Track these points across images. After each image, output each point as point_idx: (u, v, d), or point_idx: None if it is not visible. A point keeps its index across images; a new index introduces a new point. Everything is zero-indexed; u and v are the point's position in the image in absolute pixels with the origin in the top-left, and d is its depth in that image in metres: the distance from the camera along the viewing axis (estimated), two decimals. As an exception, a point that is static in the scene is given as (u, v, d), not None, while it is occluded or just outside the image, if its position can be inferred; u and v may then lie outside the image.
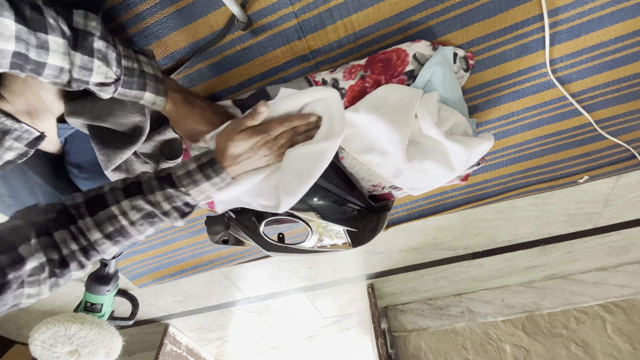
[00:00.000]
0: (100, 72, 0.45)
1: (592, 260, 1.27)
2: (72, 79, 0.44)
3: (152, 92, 0.52)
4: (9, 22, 0.36)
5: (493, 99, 0.73)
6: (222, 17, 0.60)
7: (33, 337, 0.93)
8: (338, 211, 0.68)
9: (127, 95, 0.50)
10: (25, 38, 0.38)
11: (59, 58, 0.41)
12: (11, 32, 0.36)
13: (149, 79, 0.50)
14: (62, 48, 0.41)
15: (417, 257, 1.21)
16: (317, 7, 0.60)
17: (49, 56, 0.40)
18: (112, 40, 0.46)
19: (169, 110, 0.56)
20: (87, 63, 0.44)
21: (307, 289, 1.38)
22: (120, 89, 0.48)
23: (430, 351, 1.34)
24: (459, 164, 0.62)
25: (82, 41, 0.42)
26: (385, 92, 0.61)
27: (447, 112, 0.61)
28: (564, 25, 0.63)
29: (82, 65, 0.43)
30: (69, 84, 0.44)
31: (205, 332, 1.63)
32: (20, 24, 0.37)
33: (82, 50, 0.43)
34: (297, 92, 0.54)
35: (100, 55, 0.44)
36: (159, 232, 1.03)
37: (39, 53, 0.39)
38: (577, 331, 1.25)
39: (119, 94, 0.49)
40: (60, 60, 0.41)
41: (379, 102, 0.60)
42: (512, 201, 0.98)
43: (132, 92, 0.50)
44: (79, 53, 0.42)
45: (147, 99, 0.52)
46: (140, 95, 0.51)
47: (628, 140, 0.81)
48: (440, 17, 0.61)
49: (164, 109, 0.56)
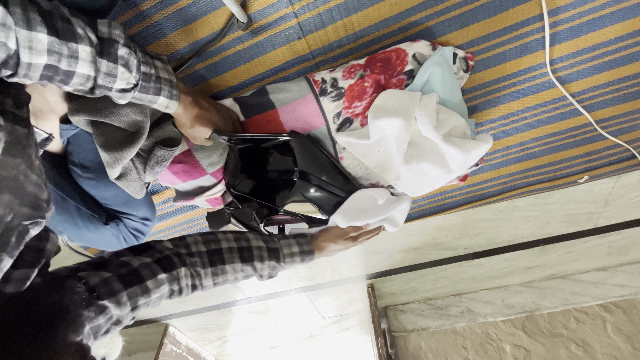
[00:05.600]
0: (123, 78, 0.46)
1: (592, 260, 1.27)
2: (97, 86, 0.45)
3: (166, 97, 0.53)
4: (42, 36, 0.37)
5: (493, 99, 0.73)
6: (222, 17, 0.60)
7: (33, 336, 0.93)
8: (333, 202, 0.70)
9: (143, 99, 0.51)
10: (57, 49, 0.39)
11: (87, 66, 0.42)
12: (44, 46, 0.38)
13: (164, 84, 0.52)
14: (90, 56, 0.42)
15: (417, 257, 1.21)
16: (317, 7, 0.60)
17: (78, 64, 0.41)
18: (133, 47, 0.47)
19: (179, 113, 0.57)
20: (112, 70, 0.45)
21: (307, 289, 1.38)
22: (137, 93, 0.50)
23: (430, 351, 1.34)
24: (457, 166, 0.62)
25: (109, 48, 0.44)
26: (382, 102, 0.62)
27: (445, 114, 0.61)
28: (564, 25, 0.63)
29: (107, 71, 0.44)
30: (92, 90, 0.46)
31: (205, 332, 1.63)
32: (52, 36, 0.38)
33: (108, 57, 0.44)
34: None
35: (123, 61, 0.45)
36: (160, 231, 1.03)
37: (70, 62, 0.41)
38: (577, 331, 1.25)
39: (135, 98, 0.50)
40: (88, 69, 0.42)
41: (379, 112, 0.61)
42: (512, 201, 0.98)
43: (148, 97, 0.51)
44: (105, 60, 0.44)
45: (161, 103, 0.53)
46: (155, 100, 0.52)
47: (628, 140, 0.81)
48: (440, 17, 0.61)
49: (174, 112, 0.57)
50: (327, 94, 0.63)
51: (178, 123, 0.60)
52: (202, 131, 0.61)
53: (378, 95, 0.63)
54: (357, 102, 0.63)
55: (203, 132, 0.62)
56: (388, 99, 0.61)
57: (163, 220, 0.99)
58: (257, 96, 0.66)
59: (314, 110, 0.65)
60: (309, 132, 0.67)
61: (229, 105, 0.68)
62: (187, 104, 0.57)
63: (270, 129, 0.67)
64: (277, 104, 0.65)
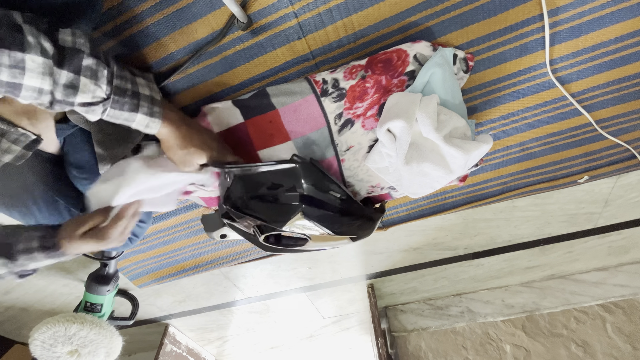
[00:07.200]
0: (86, 90, 0.42)
1: (592, 260, 1.27)
2: (55, 100, 0.41)
3: (146, 115, 0.49)
4: None
5: (493, 99, 0.73)
6: (222, 17, 0.60)
7: (33, 337, 0.93)
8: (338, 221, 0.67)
9: (118, 117, 0.47)
10: None
11: (37, 78, 0.38)
12: None
13: (143, 100, 0.48)
14: (42, 67, 0.38)
15: (417, 257, 1.21)
16: (317, 7, 0.60)
17: (24, 76, 0.37)
18: (104, 58, 0.44)
19: (164, 134, 0.53)
20: (73, 81, 0.41)
21: (307, 289, 1.38)
22: (109, 109, 0.46)
23: (430, 351, 1.34)
24: (457, 167, 0.62)
25: (71, 58, 0.40)
26: (386, 110, 0.62)
27: (446, 115, 0.61)
28: (564, 25, 0.63)
29: (66, 83, 0.40)
30: (51, 105, 0.42)
31: (205, 332, 1.63)
32: None
33: (69, 67, 0.40)
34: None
35: (88, 72, 0.42)
36: (159, 231, 1.03)
37: (13, 74, 0.36)
38: (577, 331, 1.25)
39: (109, 115, 0.47)
40: (39, 81, 0.38)
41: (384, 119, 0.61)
42: (512, 201, 0.98)
43: (124, 114, 0.47)
44: (65, 70, 0.40)
45: (140, 121, 0.49)
46: (132, 118, 0.48)
47: (628, 140, 0.81)
48: (440, 17, 0.61)
49: (158, 133, 0.52)
50: (329, 94, 0.63)
51: (165, 146, 0.55)
52: (195, 155, 0.55)
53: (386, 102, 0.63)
54: (358, 102, 0.63)
55: (196, 156, 0.55)
56: (391, 106, 0.62)
57: (163, 220, 0.99)
58: (257, 97, 0.66)
59: (315, 111, 0.65)
60: (309, 133, 0.67)
61: (228, 108, 0.68)
62: (174, 122, 0.52)
63: (271, 130, 0.67)
64: (277, 105, 0.65)
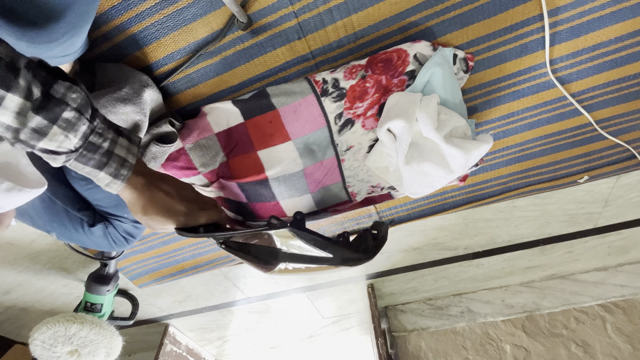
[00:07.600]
0: (55, 139, 0.41)
1: (592, 260, 1.27)
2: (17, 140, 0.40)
3: (109, 175, 0.46)
4: None
5: (493, 99, 0.73)
6: (222, 17, 0.60)
7: (33, 337, 0.93)
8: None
9: (80, 170, 0.46)
10: None
11: (9, 116, 0.37)
12: None
13: (112, 160, 0.46)
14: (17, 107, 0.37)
15: (417, 257, 1.21)
16: (317, 7, 0.60)
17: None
18: (89, 116, 0.42)
19: (125, 197, 0.51)
20: (43, 128, 0.39)
21: (307, 289, 1.38)
22: (72, 161, 0.44)
23: (430, 351, 1.34)
24: (458, 167, 0.62)
25: (52, 108, 0.39)
26: (386, 110, 0.62)
27: (446, 115, 0.62)
28: (564, 25, 0.63)
29: (36, 127, 0.39)
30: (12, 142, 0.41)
31: (205, 332, 1.63)
32: None
33: (46, 114, 0.39)
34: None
35: (64, 124, 0.40)
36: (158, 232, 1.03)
37: None
38: (577, 331, 1.25)
39: (71, 165, 0.45)
40: (10, 119, 0.37)
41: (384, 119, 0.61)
42: (512, 201, 0.98)
43: (86, 168, 0.45)
44: (40, 117, 0.39)
45: (101, 178, 0.47)
46: (95, 174, 0.46)
47: (628, 140, 0.81)
48: (440, 17, 0.61)
49: (120, 194, 0.50)
50: (329, 94, 0.63)
51: (128, 207, 0.52)
52: (156, 222, 0.52)
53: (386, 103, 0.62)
54: (358, 102, 0.64)
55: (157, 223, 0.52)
56: (391, 106, 0.62)
57: (163, 220, 0.98)
58: (257, 97, 0.66)
59: (315, 111, 0.65)
60: (310, 133, 0.67)
61: (228, 108, 0.68)
62: (138, 188, 0.49)
63: (271, 130, 0.67)
64: (277, 105, 0.65)
